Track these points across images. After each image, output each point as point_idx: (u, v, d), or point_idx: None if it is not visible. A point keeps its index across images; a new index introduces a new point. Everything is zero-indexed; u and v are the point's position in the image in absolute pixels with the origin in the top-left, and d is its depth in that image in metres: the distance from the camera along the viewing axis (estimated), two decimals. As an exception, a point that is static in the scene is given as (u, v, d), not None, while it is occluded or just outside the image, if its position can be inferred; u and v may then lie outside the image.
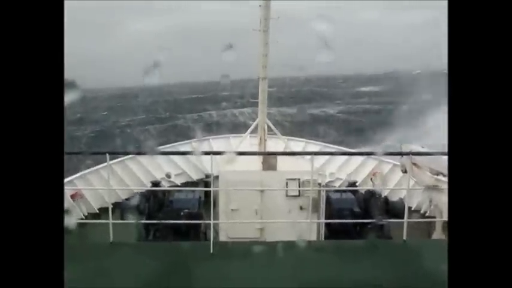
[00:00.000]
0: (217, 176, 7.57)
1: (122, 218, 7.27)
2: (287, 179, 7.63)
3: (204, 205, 8.01)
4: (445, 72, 2.23)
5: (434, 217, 8.48)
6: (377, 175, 11.46)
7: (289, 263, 4.97)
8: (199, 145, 14.29)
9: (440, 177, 7.98)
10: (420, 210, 10.15)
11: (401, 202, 8.26)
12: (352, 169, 12.25)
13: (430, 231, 7.94)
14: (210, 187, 6.49)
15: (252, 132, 10.12)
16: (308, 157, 7.96)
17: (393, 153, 12.24)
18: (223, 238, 7.43)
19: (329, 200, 8.25)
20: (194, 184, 12.19)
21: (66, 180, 9.24)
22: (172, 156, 12.61)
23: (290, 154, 9.90)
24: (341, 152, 13.24)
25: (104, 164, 10.09)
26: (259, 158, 8.17)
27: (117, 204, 8.09)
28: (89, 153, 9.16)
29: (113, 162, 11.07)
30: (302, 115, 42.76)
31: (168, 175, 12.05)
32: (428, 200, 9.54)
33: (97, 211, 10.14)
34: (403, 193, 9.07)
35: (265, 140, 9.78)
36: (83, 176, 10.63)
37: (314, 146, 14.12)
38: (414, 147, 9.15)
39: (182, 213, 7.68)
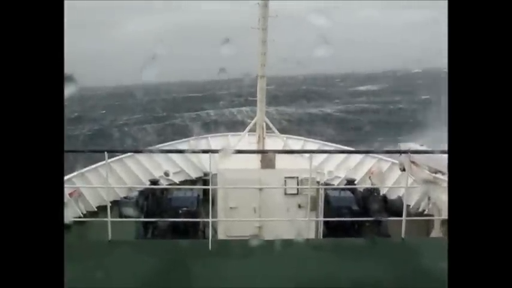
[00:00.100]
0: (215, 174, 7.57)
1: (121, 216, 7.26)
2: (285, 177, 7.64)
3: (203, 203, 8.01)
4: (444, 71, 2.24)
5: (432, 215, 8.51)
6: (375, 173, 11.48)
7: (287, 261, 4.97)
8: (197, 143, 14.29)
9: (438, 175, 8.01)
10: (419, 208, 10.17)
11: (399, 200, 8.27)
12: (350, 167, 12.27)
13: (429, 229, 7.97)
14: (209, 185, 6.49)
15: (251, 130, 10.13)
16: (307, 155, 7.96)
17: (392, 151, 12.26)
18: (221, 236, 7.43)
19: (327, 198, 8.26)
20: (193, 182, 12.19)
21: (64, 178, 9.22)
22: (170, 154, 12.61)
23: (289, 152, 9.91)
24: (339, 150, 13.25)
25: (103, 162, 10.09)
26: (257, 156, 8.18)
27: (115, 202, 8.09)
28: (88, 151, 9.15)
29: (112, 160, 11.07)
30: (300, 114, 42.79)
31: (167, 173, 12.05)
32: (426, 198, 9.57)
33: (95, 209, 10.14)
34: (402, 191, 9.09)
35: (263, 138, 9.79)
36: (82, 174, 10.62)
37: (313, 144, 14.14)
38: (412, 145, 9.18)
39: (181, 211, 7.68)
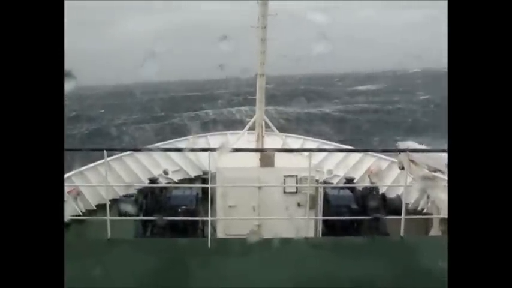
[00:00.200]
0: (214, 173, 7.57)
1: (120, 215, 7.26)
2: (285, 176, 7.65)
3: (202, 202, 8.01)
4: (443, 70, 2.24)
5: (431, 214, 8.52)
6: (374, 172, 11.49)
7: (286, 260, 4.97)
8: (196, 141, 14.27)
9: (437, 174, 8.01)
10: (418, 207, 10.18)
11: (398, 199, 8.29)
12: (349, 166, 12.28)
13: (427, 227, 7.98)
14: (208, 184, 6.49)
15: (250, 129, 10.13)
16: (306, 154, 7.97)
17: (391, 150, 12.27)
18: (220, 235, 7.44)
19: (326, 197, 8.27)
20: (192, 181, 12.19)
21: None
22: (169, 152, 12.61)
23: (288, 151, 9.92)
24: (339, 149, 13.25)
25: (102, 161, 10.08)
26: (256, 155, 8.18)
27: (114, 200, 8.09)
28: (87, 149, 9.14)
29: (111, 158, 11.06)
30: (299, 113, 42.79)
31: (166, 172, 12.04)
32: (425, 197, 9.58)
33: (94, 208, 10.14)
34: (401, 190, 9.11)
35: (262, 137, 9.80)
36: (81, 173, 10.61)
37: (312, 143, 14.15)
38: (411, 143, 9.19)
39: (180, 209, 7.68)
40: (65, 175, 9.79)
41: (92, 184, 10.48)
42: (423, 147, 8.80)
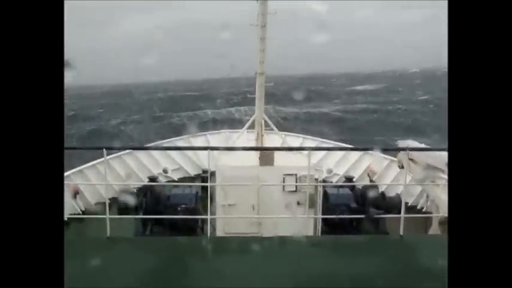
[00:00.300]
0: (214, 171, 7.57)
1: (119, 213, 7.26)
2: (284, 175, 7.65)
3: (201, 200, 8.01)
4: (443, 70, 2.25)
5: (430, 212, 8.52)
6: (374, 171, 11.49)
7: (285, 258, 4.97)
8: (195, 140, 14.25)
9: (437, 172, 8.01)
10: (417, 205, 10.19)
11: (398, 197, 8.30)
12: (349, 165, 12.28)
13: (427, 226, 7.99)
14: (207, 182, 6.49)
15: (249, 127, 10.12)
16: (305, 152, 7.97)
17: (390, 149, 12.27)
18: (220, 233, 7.44)
19: (326, 196, 8.28)
20: (191, 179, 12.17)
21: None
22: (169, 151, 12.59)
23: (287, 149, 9.91)
24: (338, 148, 13.24)
25: (101, 159, 10.07)
26: (256, 153, 8.18)
27: (114, 199, 8.09)
28: (86, 148, 9.13)
29: (110, 157, 11.04)
30: (298, 113, 42.76)
31: (165, 170, 12.03)
32: (425, 195, 9.59)
33: (94, 206, 10.12)
34: (400, 188, 9.11)
35: (262, 136, 9.79)
36: (80, 171, 10.60)
37: (311, 142, 14.13)
38: (411, 142, 9.19)
39: (179, 208, 7.69)
40: (65, 173, 9.79)
41: (92, 182, 10.47)
42: (423, 146, 8.81)
